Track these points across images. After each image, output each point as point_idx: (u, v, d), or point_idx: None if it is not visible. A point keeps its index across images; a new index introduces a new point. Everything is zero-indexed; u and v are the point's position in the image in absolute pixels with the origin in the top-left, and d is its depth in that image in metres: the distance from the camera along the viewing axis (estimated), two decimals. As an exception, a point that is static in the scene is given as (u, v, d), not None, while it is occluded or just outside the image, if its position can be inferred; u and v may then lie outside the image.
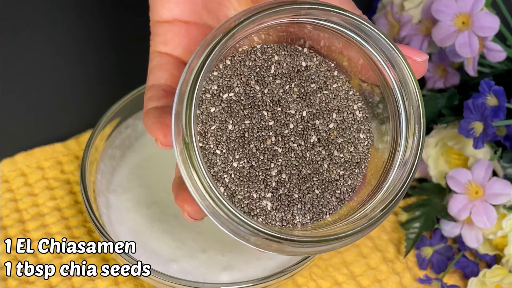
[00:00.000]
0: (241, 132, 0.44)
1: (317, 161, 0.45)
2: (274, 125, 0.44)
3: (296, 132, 0.45)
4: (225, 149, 0.44)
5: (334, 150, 0.45)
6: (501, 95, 0.57)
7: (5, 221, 0.61)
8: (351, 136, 0.45)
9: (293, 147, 0.44)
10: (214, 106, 0.43)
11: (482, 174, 0.58)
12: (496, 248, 0.61)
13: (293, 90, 0.45)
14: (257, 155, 0.44)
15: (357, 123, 0.45)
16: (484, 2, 0.59)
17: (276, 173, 0.44)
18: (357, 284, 0.60)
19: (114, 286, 0.58)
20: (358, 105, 0.46)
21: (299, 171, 0.44)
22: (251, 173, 0.44)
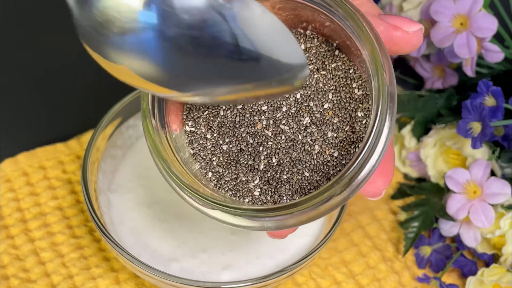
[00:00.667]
0: (233, 117, 0.44)
1: (308, 143, 0.44)
2: (267, 110, 0.44)
3: (289, 115, 0.44)
4: (216, 133, 0.44)
5: (328, 131, 0.44)
6: (499, 96, 0.57)
7: (7, 220, 0.61)
8: (347, 116, 0.44)
9: (284, 130, 0.44)
10: None
11: (480, 173, 0.58)
12: (494, 247, 0.61)
13: None
14: (246, 138, 0.44)
15: (355, 102, 0.44)
16: (482, 3, 0.59)
17: (265, 156, 0.44)
18: (356, 283, 0.60)
19: (115, 285, 0.58)
20: (358, 83, 0.44)
21: (289, 154, 0.44)
22: (240, 156, 0.44)
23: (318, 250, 0.55)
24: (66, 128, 0.68)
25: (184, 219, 0.59)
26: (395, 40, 0.44)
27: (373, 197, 0.44)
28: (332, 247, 0.62)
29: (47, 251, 0.60)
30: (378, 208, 0.64)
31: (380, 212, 0.64)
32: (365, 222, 0.64)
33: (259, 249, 0.58)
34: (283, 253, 0.58)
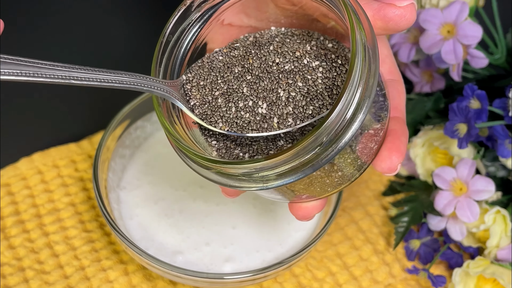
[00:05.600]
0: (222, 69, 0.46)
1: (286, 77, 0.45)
2: (257, 66, 0.45)
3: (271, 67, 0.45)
4: (208, 82, 0.46)
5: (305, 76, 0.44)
6: (484, 99, 0.57)
7: (23, 215, 0.61)
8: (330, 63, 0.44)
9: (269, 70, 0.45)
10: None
11: (466, 171, 0.58)
12: (479, 241, 0.61)
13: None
14: (230, 78, 0.45)
15: (334, 51, 0.45)
16: (467, 12, 0.58)
17: (247, 91, 0.45)
18: (350, 274, 0.60)
19: (124, 276, 0.58)
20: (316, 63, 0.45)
21: (264, 83, 0.45)
22: (225, 94, 0.45)
23: (314, 244, 0.55)
24: (78, 129, 0.68)
25: (188, 214, 0.59)
26: (389, 16, 0.43)
27: (389, 172, 0.44)
28: (327, 241, 0.62)
29: (61, 244, 0.60)
30: (370, 204, 0.64)
31: (372, 208, 0.64)
32: (358, 217, 0.63)
33: (259, 243, 0.58)
34: (281, 246, 0.58)
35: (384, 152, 0.44)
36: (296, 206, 0.47)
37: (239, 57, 0.46)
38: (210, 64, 0.47)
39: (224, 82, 0.46)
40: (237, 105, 0.45)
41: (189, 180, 0.61)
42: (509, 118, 0.57)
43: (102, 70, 0.42)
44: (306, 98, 0.44)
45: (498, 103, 0.58)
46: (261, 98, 0.45)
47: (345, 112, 0.40)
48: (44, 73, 0.40)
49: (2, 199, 0.62)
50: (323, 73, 0.44)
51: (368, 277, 0.60)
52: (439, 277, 0.59)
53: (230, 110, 0.45)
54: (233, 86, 0.46)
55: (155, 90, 0.43)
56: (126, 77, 0.42)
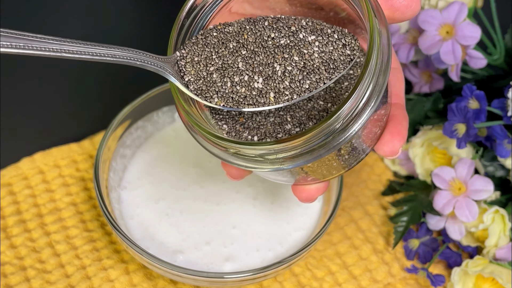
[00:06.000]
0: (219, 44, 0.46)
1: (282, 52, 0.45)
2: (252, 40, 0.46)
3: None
4: (202, 58, 0.46)
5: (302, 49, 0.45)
6: (482, 99, 0.57)
7: (24, 215, 0.61)
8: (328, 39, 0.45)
9: (264, 45, 0.45)
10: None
11: (464, 171, 0.58)
12: (478, 240, 0.61)
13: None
14: (225, 53, 0.45)
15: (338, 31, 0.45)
16: (466, 13, 0.58)
17: (242, 65, 0.45)
18: (350, 273, 0.60)
19: (125, 275, 0.58)
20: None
21: (259, 57, 0.45)
22: (220, 69, 0.45)
23: (314, 243, 0.55)
24: (79, 129, 0.68)
25: (188, 214, 0.59)
26: (396, 6, 0.44)
27: (391, 155, 0.46)
28: (327, 240, 0.62)
29: (62, 244, 0.60)
30: (369, 204, 0.64)
31: (371, 207, 0.64)
32: (357, 216, 0.63)
33: (259, 242, 0.58)
34: (281, 245, 0.58)
35: (387, 136, 0.46)
36: (300, 188, 0.48)
37: (233, 33, 0.46)
38: (205, 40, 0.46)
39: (219, 57, 0.46)
40: (232, 80, 0.45)
41: (189, 180, 0.61)
42: (507, 118, 0.57)
43: (94, 44, 0.42)
44: (302, 73, 0.44)
45: (497, 104, 0.58)
46: (257, 73, 0.45)
47: (365, 92, 0.42)
48: (34, 46, 0.39)
49: (4, 199, 0.62)
50: (319, 48, 0.45)
51: (368, 276, 0.60)
52: (438, 276, 0.59)
53: (225, 85, 0.45)
54: (228, 61, 0.45)
55: (148, 64, 0.43)
56: (119, 51, 0.42)
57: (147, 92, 0.61)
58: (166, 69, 0.45)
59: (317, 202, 0.60)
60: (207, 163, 0.62)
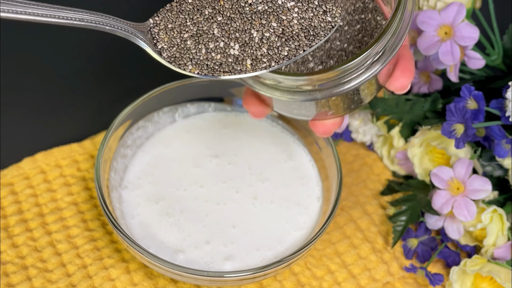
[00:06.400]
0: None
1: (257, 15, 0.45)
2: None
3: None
4: (176, 24, 0.46)
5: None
6: (481, 100, 0.57)
7: (26, 214, 0.61)
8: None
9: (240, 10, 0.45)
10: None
11: (463, 171, 0.58)
12: (476, 240, 0.61)
13: None
14: (200, 19, 0.45)
15: None
16: (464, 14, 0.58)
17: (218, 32, 0.45)
18: (349, 272, 0.60)
19: (126, 274, 0.58)
20: None
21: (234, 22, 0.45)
22: (194, 36, 0.45)
23: (313, 242, 0.55)
24: (81, 129, 0.68)
25: (189, 213, 0.59)
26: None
27: (401, 90, 0.51)
28: (326, 239, 0.62)
29: (63, 243, 0.60)
30: (368, 203, 0.64)
31: (370, 207, 0.64)
32: (356, 216, 0.63)
33: (259, 241, 0.58)
34: (281, 244, 0.58)
35: (397, 72, 0.50)
36: (318, 123, 0.51)
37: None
38: (179, 7, 0.46)
39: (194, 24, 0.45)
40: (207, 46, 0.44)
41: (189, 179, 0.61)
42: (505, 118, 0.57)
43: (62, 8, 0.41)
44: (281, 39, 0.44)
45: (495, 104, 0.58)
46: (233, 39, 0.44)
47: (395, 31, 0.46)
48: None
49: (6, 198, 0.62)
50: (298, 14, 0.44)
51: (367, 275, 0.60)
52: (436, 275, 0.59)
53: (200, 52, 0.44)
54: (203, 27, 0.45)
55: (118, 30, 0.43)
56: (87, 15, 0.41)
57: (148, 92, 0.61)
58: (138, 36, 0.44)
59: (317, 202, 0.61)
60: (207, 162, 0.62)
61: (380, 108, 0.63)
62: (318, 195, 0.61)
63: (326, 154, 0.61)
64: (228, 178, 0.61)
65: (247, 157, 0.63)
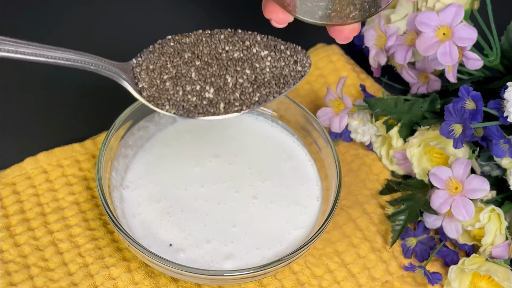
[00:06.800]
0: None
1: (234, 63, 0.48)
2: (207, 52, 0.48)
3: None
4: (157, 66, 0.48)
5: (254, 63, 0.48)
6: (479, 100, 0.57)
7: (28, 214, 0.61)
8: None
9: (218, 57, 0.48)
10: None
11: (461, 171, 0.58)
12: (474, 239, 0.61)
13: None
14: (179, 63, 0.47)
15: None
16: (463, 15, 0.59)
17: (195, 75, 0.47)
18: (348, 271, 0.60)
19: (127, 273, 0.58)
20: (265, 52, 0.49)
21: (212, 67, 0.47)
22: (173, 78, 0.47)
23: (313, 241, 0.55)
24: (82, 130, 0.68)
25: (189, 212, 0.59)
26: None
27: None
28: (325, 239, 0.62)
29: (65, 242, 0.60)
30: (367, 203, 0.64)
31: (369, 206, 0.64)
32: (356, 215, 0.63)
33: (259, 240, 0.58)
34: (281, 244, 0.58)
35: None
36: (338, 29, 0.51)
37: (190, 44, 0.48)
38: (161, 50, 0.48)
39: (173, 67, 0.47)
40: (184, 89, 0.46)
41: (190, 179, 0.61)
42: (503, 119, 0.57)
43: (50, 47, 0.43)
44: (253, 86, 0.46)
45: (493, 104, 0.58)
46: (208, 83, 0.46)
47: None
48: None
49: (8, 198, 0.62)
50: (271, 63, 0.47)
51: (366, 274, 0.60)
52: (435, 274, 0.59)
53: (177, 94, 0.47)
54: (182, 71, 0.47)
55: (102, 70, 0.45)
56: (73, 55, 0.44)
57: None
58: (121, 75, 0.47)
59: (316, 201, 0.61)
60: (208, 162, 0.62)
61: (379, 108, 0.64)
62: (318, 195, 0.61)
63: (325, 154, 0.61)
64: (228, 177, 0.61)
65: (247, 156, 0.63)
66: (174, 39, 0.48)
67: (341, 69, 0.74)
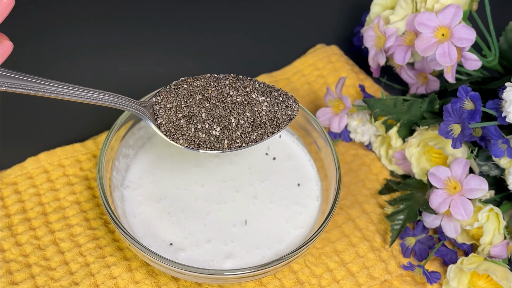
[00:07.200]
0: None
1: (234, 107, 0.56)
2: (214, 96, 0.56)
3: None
4: (173, 105, 0.55)
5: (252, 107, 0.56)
6: (477, 100, 0.57)
7: (29, 213, 0.61)
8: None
9: (224, 100, 0.56)
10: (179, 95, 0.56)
11: (460, 171, 0.58)
12: (473, 238, 0.61)
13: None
14: (192, 103, 0.55)
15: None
16: (461, 16, 0.59)
17: (205, 115, 0.55)
18: (347, 271, 0.60)
19: (128, 272, 0.58)
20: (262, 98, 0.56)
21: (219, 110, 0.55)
22: (186, 117, 0.55)
23: (312, 241, 0.55)
24: (83, 130, 0.68)
25: (190, 212, 0.59)
26: None
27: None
28: (325, 238, 0.62)
29: (66, 242, 0.60)
30: (366, 202, 0.64)
31: (368, 206, 0.64)
32: (355, 215, 0.63)
33: (259, 240, 0.58)
34: (281, 243, 0.58)
35: None
36: None
37: (200, 87, 0.56)
38: (176, 91, 0.56)
39: (187, 106, 0.55)
40: (196, 127, 0.54)
41: (190, 179, 0.61)
42: (502, 119, 0.57)
43: (87, 89, 0.51)
44: (252, 126, 0.55)
45: (491, 104, 0.58)
46: (216, 123, 0.55)
47: None
48: (37, 87, 0.48)
49: (9, 197, 0.62)
50: (267, 107, 0.55)
51: (365, 273, 0.60)
52: (434, 273, 0.59)
53: (190, 130, 0.54)
54: (194, 110, 0.55)
55: (129, 108, 0.53)
56: (107, 97, 0.52)
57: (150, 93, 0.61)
58: (144, 112, 0.54)
59: (316, 201, 0.61)
60: (208, 162, 0.62)
61: (378, 109, 0.64)
62: (317, 194, 0.61)
63: (325, 154, 0.61)
64: (228, 177, 0.61)
65: (247, 156, 0.63)
66: (187, 81, 0.56)
67: (341, 70, 0.74)
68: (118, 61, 0.75)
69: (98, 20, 0.78)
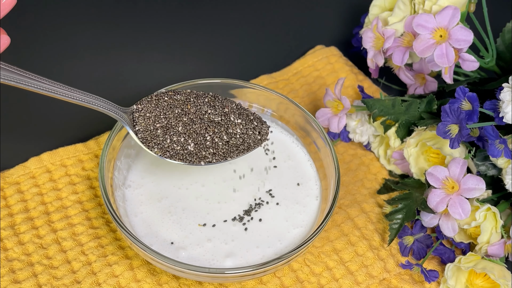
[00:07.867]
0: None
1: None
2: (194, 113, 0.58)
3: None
4: (152, 115, 0.57)
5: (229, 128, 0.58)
6: (475, 101, 0.57)
7: (32, 212, 0.61)
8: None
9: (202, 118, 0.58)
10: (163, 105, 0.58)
11: (457, 170, 0.58)
12: (470, 237, 0.61)
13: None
14: (170, 116, 0.57)
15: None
16: (459, 17, 0.59)
17: (182, 129, 0.57)
18: (346, 269, 0.60)
19: (129, 271, 0.58)
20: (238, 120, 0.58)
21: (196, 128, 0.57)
22: (164, 127, 0.57)
23: (312, 240, 0.55)
24: (85, 130, 0.68)
25: (191, 212, 0.59)
26: None
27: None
28: (324, 237, 0.62)
29: (68, 240, 0.60)
30: (365, 202, 0.64)
31: (367, 205, 0.64)
32: (354, 214, 0.63)
33: (259, 239, 0.58)
34: (280, 242, 0.58)
35: None
36: None
37: (180, 101, 0.58)
38: (157, 102, 0.57)
39: (165, 118, 0.57)
40: (171, 138, 0.56)
41: (191, 179, 0.61)
42: (499, 119, 0.57)
43: (76, 90, 0.53)
44: (225, 146, 0.57)
45: (489, 105, 0.58)
46: (191, 137, 0.56)
47: None
48: (28, 82, 0.50)
49: (12, 197, 0.62)
50: (241, 129, 0.58)
51: (364, 272, 0.60)
52: (432, 271, 0.59)
53: (165, 141, 0.56)
54: (172, 123, 0.57)
55: (110, 112, 0.55)
56: (93, 99, 0.54)
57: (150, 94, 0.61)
58: (124, 118, 0.56)
59: (315, 200, 0.61)
60: (209, 162, 0.62)
61: (377, 109, 0.64)
62: (317, 194, 0.61)
63: (324, 154, 0.61)
64: (228, 177, 0.61)
65: (247, 156, 0.63)
66: (168, 94, 0.58)
67: (340, 71, 0.74)
68: (118, 62, 0.75)
69: (98, 20, 0.78)
